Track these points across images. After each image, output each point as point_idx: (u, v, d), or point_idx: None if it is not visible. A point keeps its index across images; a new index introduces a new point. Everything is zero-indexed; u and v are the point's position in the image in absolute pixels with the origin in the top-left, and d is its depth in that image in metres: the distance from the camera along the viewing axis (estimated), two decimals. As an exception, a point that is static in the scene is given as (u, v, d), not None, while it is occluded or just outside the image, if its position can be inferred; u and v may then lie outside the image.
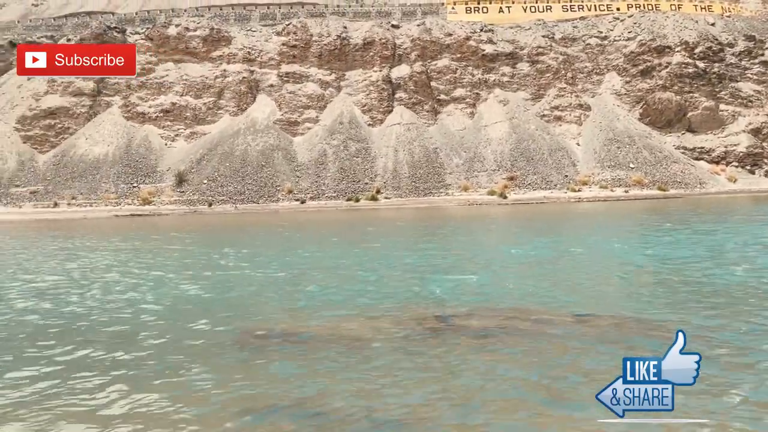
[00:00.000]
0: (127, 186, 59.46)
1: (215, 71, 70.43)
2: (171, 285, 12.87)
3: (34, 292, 12.52)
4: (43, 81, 68.87)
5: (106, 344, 7.96)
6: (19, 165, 61.83)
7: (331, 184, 60.97)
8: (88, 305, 10.79)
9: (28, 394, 6.08)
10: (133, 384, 6.30)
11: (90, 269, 16.00)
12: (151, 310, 10.15)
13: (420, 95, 70.89)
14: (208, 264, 16.56)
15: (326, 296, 11.20)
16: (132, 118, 66.97)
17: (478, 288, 11.88)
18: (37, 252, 22.30)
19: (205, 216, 49.39)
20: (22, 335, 8.64)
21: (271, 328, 8.72)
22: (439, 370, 6.66)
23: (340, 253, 19.13)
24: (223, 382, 6.36)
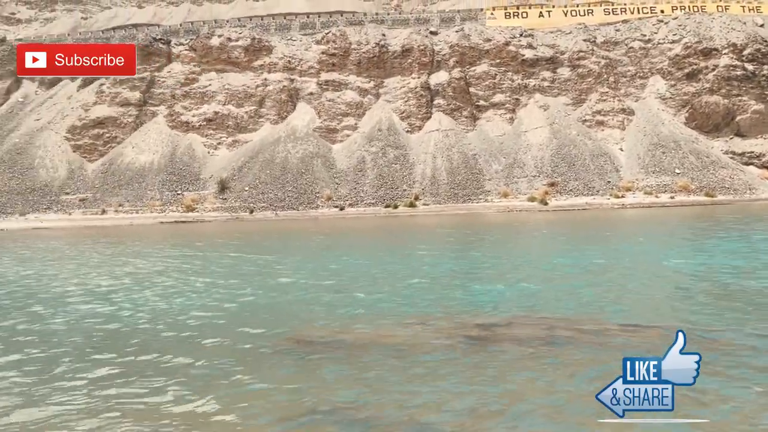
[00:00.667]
0: (171, 193, 60.90)
1: (256, 80, 71.67)
2: (219, 291, 13.13)
3: (92, 296, 12.93)
4: (91, 92, 71.29)
5: (157, 349, 8.17)
6: (69, 173, 64.00)
7: (370, 191, 61.23)
8: (140, 310, 11.09)
9: (82, 396, 6.28)
10: (181, 388, 6.45)
11: (142, 275, 16.45)
12: (201, 316, 10.37)
13: (459, 101, 70.69)
14: (254, 271, 16.82)
15: (372, 303, 11.25)
16: (176, 127, 68.64)
17: (522, 296, 11.76)
18: (91, 257, 23.03)
19: (246, 223, 50.19)
20: (79, 338, 8.94)
21: (316, 334, 8.80)
22: (483, 378, 6.62)
23: (383, 260, 19.19)
24: (269, 387, 6.45)
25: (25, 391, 6.49)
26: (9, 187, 61.13)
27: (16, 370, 7.30)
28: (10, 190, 60.68)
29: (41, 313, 11.19)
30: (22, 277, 17.14)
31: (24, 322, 10.31)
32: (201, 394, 6.20)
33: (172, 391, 6.35)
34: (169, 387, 6.47)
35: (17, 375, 7.08)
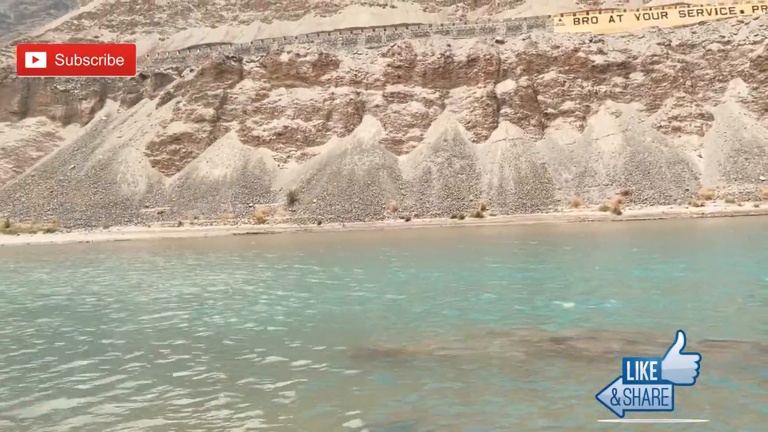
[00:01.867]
0: (243, 206, 62.77)
1: (324, 94, 73.08)
2: (292, 302, 13.36)
3: (174, 303, 13.45)
4: (169, 109, 74.66)
5: (214, 356, 8.36)
6: (148, 188, 67.11)
7: (436, 202, 61.05)
8: (215, 318, 11.43)
9: (152, 399, 6.49)
10: (238, 395, 6.54)
11: (222, 284, 16.97)
12: (272, 325, 10.56)
13: (526, 110, 69.60)
14: (325, 282, 17.03)
15: (439, 315, 11.15)
16: (248, 141, 70.82)
17: (598, 309, 11.35)
18: (176, 267, 24.01)
19: (314, 234, 51.02)
20: (157, 342, 9.29)
21: (382, 345, 8.78)
22: (553, 395, 6.40)
23: (452, 272, 19.03)
24: (328, 397, 6.45)
25: (141, 384, 6.77)
26: (93, 201, 64.68)
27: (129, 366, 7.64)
28: (94, 204, 64.19)
29: (140, 318, 11.72)
30: (113, 285, 18.02)
31: (127, 324, 10.81)
32: (254, 403, 6.28)
33: (221, 398, 6.46)
34: (216, 394, 6.59)
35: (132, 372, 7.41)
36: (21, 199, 66.12)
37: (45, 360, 8.62)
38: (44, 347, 9.55)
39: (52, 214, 62.52)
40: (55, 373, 7.81)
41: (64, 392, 6.94)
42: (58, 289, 17.65)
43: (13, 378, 7.72)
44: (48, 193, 66.53)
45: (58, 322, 11.78)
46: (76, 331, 10.84)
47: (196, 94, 74.03)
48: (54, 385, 7.30)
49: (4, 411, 6.37)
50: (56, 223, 60.45)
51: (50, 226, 59.41)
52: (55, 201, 64.96)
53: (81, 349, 9.25)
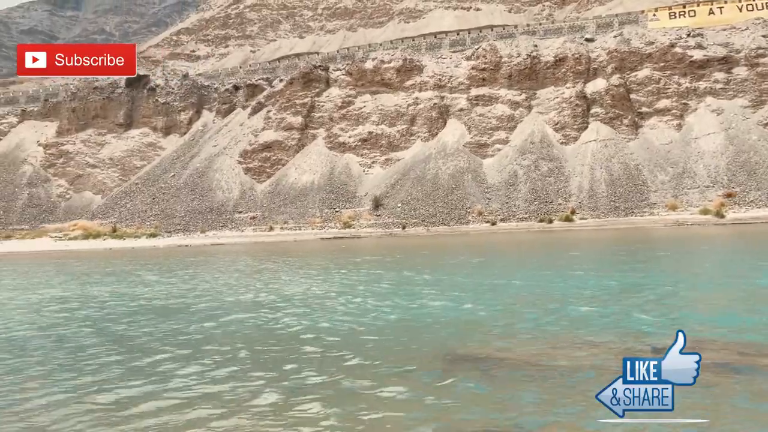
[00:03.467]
0: (330, 211, 64.19)
1: (408, 99, 73.51)
2: (381, 305, 13.55)
3: (269, 304, 14.00)
4: (260, 118, 77.64)
5: (302, 357, 8.59)
6: (241, 194, 70.05)
7: (522, 206, 59.84)
8: (310, 319, 11.78)
9: (241, 395, 6.77)
10: (326, 398, 6.67)
11: (315, 287, 17.48)
12: (363, 329, 10.76)
13: (618, 109, 66.91)
14: (413, 286, 17.14)
15: (529, 322, 10.95)
16: (334, 147, 72.39)
17: (706, 319, 10.76)
18: (272, 269, 24.99)
19: (399, 238, 51.36)
20: (251, 340, 9.70)
21: (473, 353, 8.73)
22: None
23: (542, 278, 18.62)
24: (415, 402, 6.46)
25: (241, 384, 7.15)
26: (191, 207, 68.27)
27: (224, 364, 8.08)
28: (192, 210, 67.74)
29: (241, 318, 12.31)
30: (221, 286, 18.98)
31: (233, 324, 11.41)
32: (340, 406, 6.38)
33: (310, 401, 6.61)
34: (304, 396, 6.76)
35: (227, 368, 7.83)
36: (126, 205, 70.83)
37: (152, 357, 9.20)
38: (152, 345, 10.18)
39: (154, 220, 66.57)
40: (148, 368, 8.32)
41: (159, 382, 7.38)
42: (170, 289, 18.77)
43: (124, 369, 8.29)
44: (150, 199, 70.86)
45: (166, 321, 12.54)
46: (181, 328, 11.50)
47: (285, 103, 76.53)
48: (149, 378, 7.77)
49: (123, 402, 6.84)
50: (158, 228, 64.30)
51: (153, 231, 63.27)
52: (157, 207, 69.08)
53: (185, 344, 9.81)
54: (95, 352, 9.57)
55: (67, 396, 7.15)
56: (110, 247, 54.58)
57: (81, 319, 13.37)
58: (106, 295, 17.87)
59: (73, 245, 57.98)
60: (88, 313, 14.27)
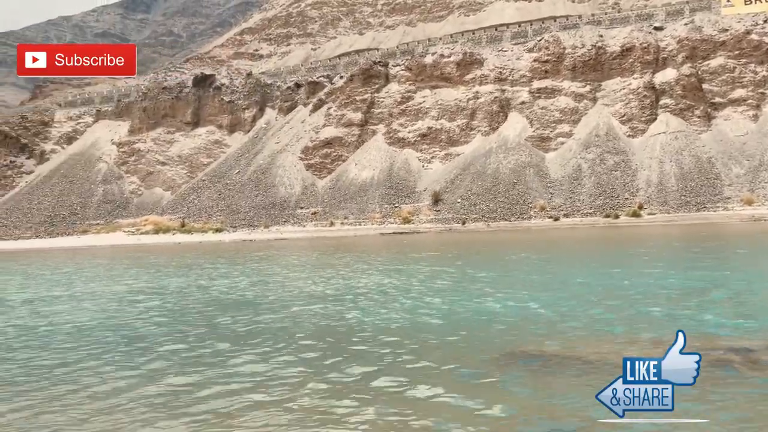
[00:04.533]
0: (389, 206, 64.42)
1: (468, 93, 72.79)
2: (441, 301, 13.52)
3: (324, 297, 14.24)
4: (321, 115, 78.64)
5: (365, 350, 8.64)
6: (303, 190, 71.25)
7: (587, 200, 58.29)
8: (367, 314, 11.89)
9: (296, 389, 6.89)
10: (374, 394, 6.69)
11: (380, 282, 17.65)
12: (423, 325, 10.77)
13: (689, 100, 64.12)
14: (474, 282, 17.02)
15: (594, 321, 10.67)
16: (393, 143, 72.54)
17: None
18: (334, 264, 25.39)
19: (459, 234, 51.02)
20: (310, 333, 9.88)
21: (537, 350, 8.59)
22: (726, 402, 5.86)
23: (608, 274, 18.12)
24: (469, 400, 6.39)
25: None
26: (255, 203, 69.97)
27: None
28: (256, 206, 69.43)
29: (302, 311, 12.59)
30: (289, 280, 19.45)
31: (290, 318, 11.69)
32: (385, 403, 6.39)
33: (354, 395, 6.65)
34: (348, 390, 6.79)
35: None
36: (194, 201, 73.30)
37: (221, 346, 9.50)
38: (224, 334, 10.52)
39: (220, 215, 68.63)
40: (212, 357, 8.59)
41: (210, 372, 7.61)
42: (239, 282, 19.36)
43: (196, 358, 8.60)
44: (216, 195, 73.05)
45: (236, 312, 12.93)
46: (243, 320, 11.84)
47: (345, 99, 77.24)
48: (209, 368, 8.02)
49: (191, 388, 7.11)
50: (223, 223, 66.28)
51: (218, 226, 65.28)
52: (223, 203, 71.16)
53: (252, 334, 10.10)
54: (168, 339, 9.99)
55: (139, 380, 7.52)
56: (179, 241, 56.67)
57: (157, 309, 13.99)
58: (182, 287, 18.61)
59: (144, 239, 60.59)
60: (164, 304, 14.90)
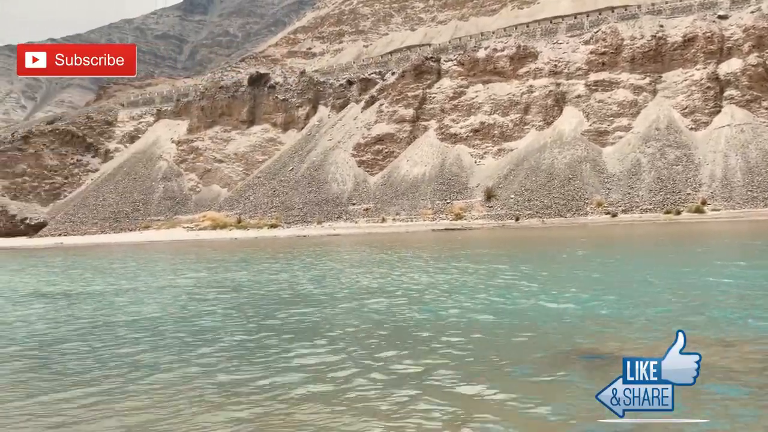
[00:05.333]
0: (441, 202, 64.18)
1: (521, 88, 71.66)
2: (497, 299, 13.43)
3: (379, 293, 14.36)
4: (372, 112, 78.97)
5: (415, 348, 8.66)
6: (355, 186, 71.80)
7: (646, 196, 56.54)
8: (420, 311, 11.93)
9: (346, 382, 6.98)
10: (428, 390, 6.68)
11: (430, 278, 17.68)
12: (481, 321, 10.73)
13: (756, 91, 61.27)
14: (533, 280, 16.82)
15: (657, 321, 10.38)
16: (445, 139, 72.17)
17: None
18: (388, 260, 25.56)
19: (513, 230, 50.37)
20: (362, 328, 9.99)
21: (598, 348, 8.43)
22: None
23: (672, 272, 17.56)
24: (525, 398, 6.32)
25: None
26: (308, 199, 70.99)
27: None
28: (309, 202, 70.43)
29: (364, 306, 12.77)
30: (353, 277, 19.74)
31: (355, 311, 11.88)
32: (440, 398, 6.37)
33: (407, 388, 6.66)
34: (403, 385, 6.81)
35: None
36: (250, 198, 74.95)
37: (280, 338, 9.71)
38: (283, 328, 10.76)
39: (274, 211, 69.95)
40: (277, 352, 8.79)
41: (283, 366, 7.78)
42: (296, 277, 19.75)
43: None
44: (271, 192, 74.46)
45: (293, 306, 13.21)
46: (310, 315, 12.08)
47: (397, 96, 77.32)
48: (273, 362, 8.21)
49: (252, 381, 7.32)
50: (278, 219, 67.52)
51: (273, 222, 66.56)
52: (277, 199, 72.49)
53: (308, 328, 10.29)
54: (233, 331, 10.31)
55: (203, 369, 7.80)
56: (235, 237, 58.10)
57: (220, 301, 14.46)
58: (244, 281, 19.14)
59: (202, 235, 62.40)
60: (228, 297, 15.35)
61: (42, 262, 35.37)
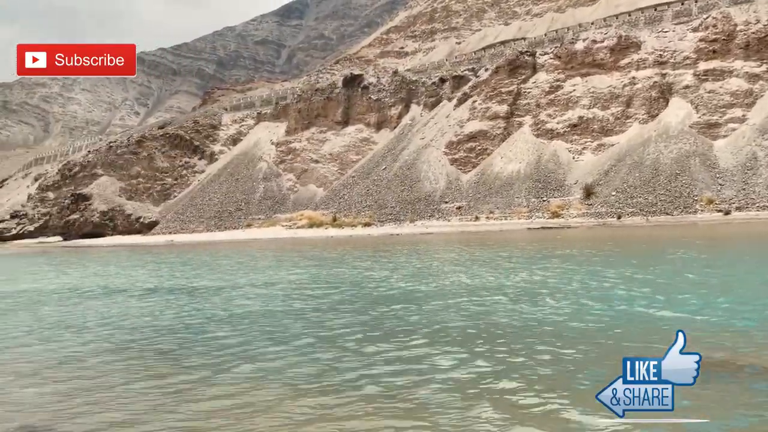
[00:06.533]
0: (537, 200, 62.63)
1: (623, 80, 68.53)
2: (596, 304, 13.00)
3: (473, 293, 14.28)
4: (465, 109, 78.32)
5: (503, 350, 8.50)
6: (447, 184, 71.54)
7: (764, 192, 52.40)
8: (516, 312, 11.75)
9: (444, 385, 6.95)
10: (501, 394, 6.58)
11: (529, 278, 17.39)
12: (575, 326, 10.43)
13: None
14: (637, 284, 16.14)
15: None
16: (541, 135, 70.32)
17: None
18: (491, 259, 25.40)
19: (614, 229, 48.31)
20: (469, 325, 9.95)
21: (707, 358, 7.94)
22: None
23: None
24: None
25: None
26: (401, 198, 71.52)
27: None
28: (402, 200, 70.96)
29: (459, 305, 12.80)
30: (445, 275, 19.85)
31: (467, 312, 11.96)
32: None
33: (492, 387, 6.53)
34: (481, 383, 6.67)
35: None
36: (344, 197, 76.58)
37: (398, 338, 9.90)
38: (395, 327, 10.96)
39: (368, 210, 71.07)
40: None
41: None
42: (393, 274, 20.07)
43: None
44: (365, 191, 75.70)
45: (397, 304, 13.42)
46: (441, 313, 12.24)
47: (491, 92, 76.23)
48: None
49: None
50: (371, 218, 68.55)
51: (367, 221, 67.64)
52: (370, 198, 73.58)
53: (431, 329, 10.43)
54: (343, 328, 10.65)
55: (297, 360, 8.11)
56: (331, 235, 59.60)
57: (328, 298, 14.97)
58: (347, 278, 19.73)
59: (300, 233, 64.51)
60: (335, 294, 15.85)
61: (158, 258, 37.97)
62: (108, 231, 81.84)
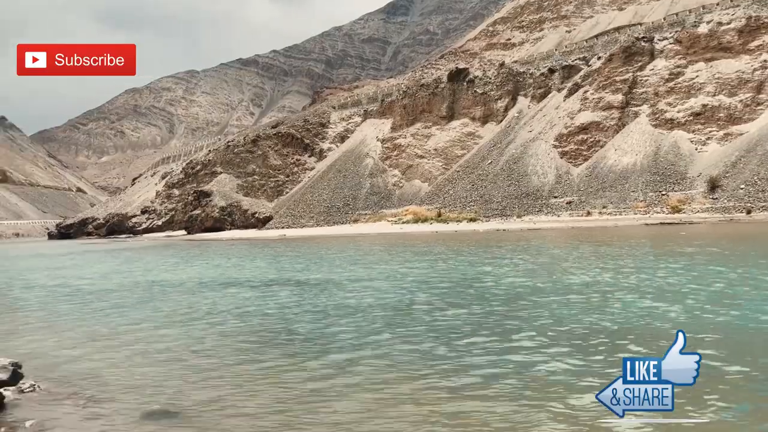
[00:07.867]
0: (655, 194, 59.22)
1: (753, 63, 63.13)
2: (719, 308, 12.21)
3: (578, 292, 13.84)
4: (576, 100, 75.43)
5: (581, 346, 8.14)
6: (556, 178, 69.32)
7: None
8: (597, 308, 11.25)
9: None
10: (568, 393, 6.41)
11: (648, 278, 16.63)
12: (693, 334, 9.85)
13: None
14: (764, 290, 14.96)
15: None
16: (659, 125, 66.35)
17: None
18: (605, 255, 24.56)
19: (744, 225, 44.72)
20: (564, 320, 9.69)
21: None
22: None
23: None
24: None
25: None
26: (508, 192, 70.21)
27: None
28: (509, 195, 69.65)
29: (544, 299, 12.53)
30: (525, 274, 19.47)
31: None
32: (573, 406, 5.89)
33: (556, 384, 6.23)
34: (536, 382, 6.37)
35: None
36: (449, 192, 76.36)
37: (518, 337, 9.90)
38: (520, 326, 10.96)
39: (473, 205, 70.43)
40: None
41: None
42: (500, 270, 19.92)
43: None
44: (470, 186, 75.06)
45: (506, 301, 13.35)
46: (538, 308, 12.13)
47: (604, 81, 72.92)
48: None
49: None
50: (477, 213, 67.88)
51: (472, 216, 67.06)
52: (476, 193, 72.85)
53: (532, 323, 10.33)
54: (463, 326, 10.77)
55: (409, 348, 8.27)
56: (436, 230, 59.68)
57: (439, 292, 15.16)
58: (461, 273, 19.86)
59: (405, 228, 65.14)
60: (452, 289, 16.03)
61: (275, 252, 39.88)
62: (227, 225, 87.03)
